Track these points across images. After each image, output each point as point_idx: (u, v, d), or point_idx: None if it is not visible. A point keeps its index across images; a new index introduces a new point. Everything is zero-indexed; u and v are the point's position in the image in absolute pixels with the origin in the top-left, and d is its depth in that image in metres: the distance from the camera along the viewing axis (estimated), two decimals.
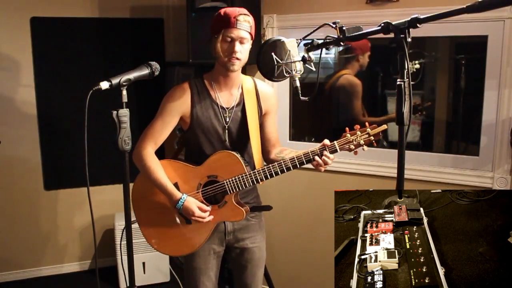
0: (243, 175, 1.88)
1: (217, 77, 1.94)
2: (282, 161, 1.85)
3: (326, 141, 1.83)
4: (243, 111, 1.96)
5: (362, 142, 1.78)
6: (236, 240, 2.05)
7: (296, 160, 1.84)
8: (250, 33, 1.85)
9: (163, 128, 1.91)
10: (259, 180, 1.88)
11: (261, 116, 2.02)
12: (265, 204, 2.07)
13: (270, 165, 1.87)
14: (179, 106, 1.90)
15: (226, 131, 1.95)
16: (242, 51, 1.84)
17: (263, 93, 2.02)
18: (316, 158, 1.81)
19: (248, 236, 2.06)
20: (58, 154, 3.42)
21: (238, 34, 1.80)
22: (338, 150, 1.80)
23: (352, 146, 1.78)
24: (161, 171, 1.91)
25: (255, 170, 1.88)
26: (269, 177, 1.87)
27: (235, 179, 1.89)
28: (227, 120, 1.94)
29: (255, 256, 2.08)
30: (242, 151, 1.99)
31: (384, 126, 1.77)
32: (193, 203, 1.89)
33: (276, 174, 1.86)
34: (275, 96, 2.10)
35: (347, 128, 1.81)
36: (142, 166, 1.92)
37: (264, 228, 2.15)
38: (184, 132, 1.99)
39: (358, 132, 1.78)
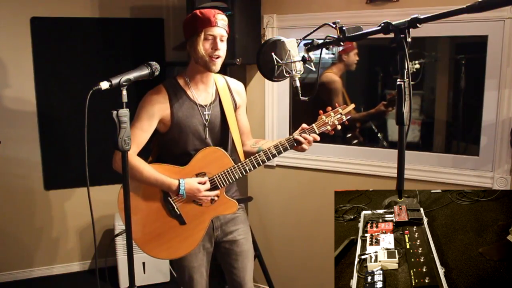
0: (231, 168, 1.94)
1: (194, 76, 1.96)
2: (267, 149, 1.94)
3: (304, 125, 1.95)
4: (221, 106, 2.01)
5: (336, 122, 1.93)
6: (224, 234, 2.07)
7: (280, 147, 1.93)
8: (227, 31, 1.90)
9: (144, 134, 1.91)
10: (248, 171, 1.95)
11: (236, 110, 2.07)
12: (247, 196, 2.10)
13: (256, 154, 1.95)
14: (159, 109, 1.90)
15: (207, 128, 1.98)
16: (223, 49, 1.88)
17: (234, 88, 2.09)
18: (299, 140, 1.91)
19: (235, 229, 2.08)
20: (58, 154, 3.42)
21: (219, 32, 1.85)
22: (317, 131, 1.93)
23: (329, 127, 1.93)
24: (150, 168, 1.91)
25: (242, 162, 1.95)
26: (256, 166, 1.94)
27: (224, 173, 1.94)
28: (206, 117, 1.97)
29: (244, 248, 2.10)
30: (222, 145, 2.02)
31: (352, 105, 1.94)
32: (194, 183, 1.91)
33: (263, 162, 1.95)
34: (244, 90, 2.15)
35: (321, 111, 1.94)
36: (130, 169, 1.85)
37: (248, 221, 2.18)
38: (161, 135, 1.98)
39: (331, 113, 1.93)
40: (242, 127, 2.13)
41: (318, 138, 1.94)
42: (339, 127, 1.93)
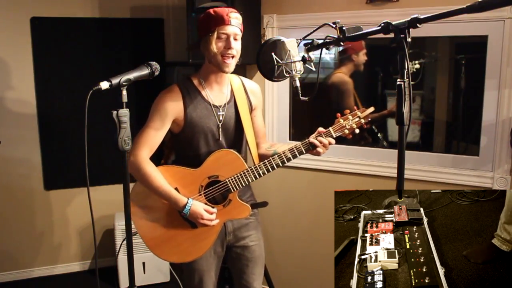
0: (245, 171, 1.90)
1: (208, 76, 1.94)
2: (282, 152, 1.89)
3: (321, 129, 1.90)
4: (235, 107, 1.97)
5: (354, 125, 1.86)
6: (236, 239, 2.05)
7: (296, 150, 1.89)
8: (241, 30, 1.88)
9: (157, 134, 1.88)
10: (261, 174, 1.90)
11: (251, 112, 2.04)
12: (262, 201, 2.08)
13: (271, 158, 1.90)
14: (172, 109, 1.88)
15: (220, 129, 1.95)
16: (237, 48, 1.85)
17: (250, 88, 2.05)
18: (314, 144, 1.86)
19: (248, 235, 2.06)
20: (58, 154, 3.42)
21: (233, 31, 1.83)
22: (334, 135, 1.88)
23: (346, 131, 1.87)
24: (162, 178, 1.89)
25: (256, 165, 1.90)
26: (270, 170, 1.90)
27: (237, 176, 1.90)
28: (221, 118, 1.94)
29: (255, 254, 2.08)
30: (236, 147, 1.99)
31: (372, 108, 1.86)
32: (200, 207, 1.88)
33: (278, 166, 1.90)
34: (261, 91, 2.12)
35: (338, 114, 1.89)
36: (141, 175, 1.87)
37: (260, 227, 2.16)
38: (174, 136, 1.97)
39: (350, 117, 1.87)
40: (257, 129, 2.08)
41: (333, 142, 1.88)
42: (357, 131, 1.87)
